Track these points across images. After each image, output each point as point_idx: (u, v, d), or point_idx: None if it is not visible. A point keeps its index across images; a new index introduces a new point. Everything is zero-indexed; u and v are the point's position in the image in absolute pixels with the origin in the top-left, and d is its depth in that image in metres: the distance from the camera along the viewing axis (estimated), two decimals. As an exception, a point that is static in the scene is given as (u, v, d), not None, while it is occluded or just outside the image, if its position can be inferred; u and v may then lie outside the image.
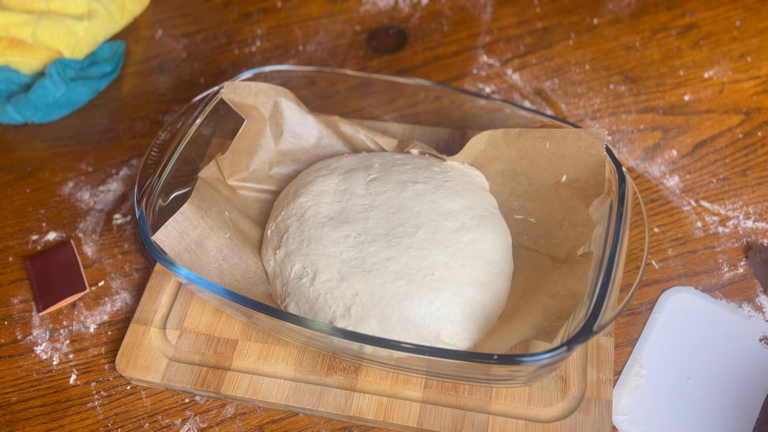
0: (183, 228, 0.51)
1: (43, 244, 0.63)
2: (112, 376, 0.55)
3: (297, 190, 0.56)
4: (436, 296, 0.48)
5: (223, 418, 0.52)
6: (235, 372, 0.52)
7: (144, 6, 0.81)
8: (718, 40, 0.73)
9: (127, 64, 0.76)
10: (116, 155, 0.68)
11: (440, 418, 0.49)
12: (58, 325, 0.57)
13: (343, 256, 0.50)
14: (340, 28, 0.78)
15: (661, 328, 0.54)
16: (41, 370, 0.55)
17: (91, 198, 0.65)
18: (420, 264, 0.49)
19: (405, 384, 0.51)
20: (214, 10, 0.81)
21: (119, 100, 0.73)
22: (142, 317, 0.55)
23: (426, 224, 0.51)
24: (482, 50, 0.75)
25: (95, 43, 0.74)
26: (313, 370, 0.52)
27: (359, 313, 0.49)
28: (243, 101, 0.57)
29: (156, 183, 0.52)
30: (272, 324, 0.49)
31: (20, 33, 0.70)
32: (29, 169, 0.68)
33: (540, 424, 0.48)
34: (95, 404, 0.53)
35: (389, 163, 0.56)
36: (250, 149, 0.60)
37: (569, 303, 0.47)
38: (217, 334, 0.54)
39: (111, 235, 0.62)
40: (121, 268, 0.60)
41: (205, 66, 0.76)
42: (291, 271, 0.52)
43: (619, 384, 0.52)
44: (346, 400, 0.50)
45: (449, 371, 0.48)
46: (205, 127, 0.57)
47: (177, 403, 0.53)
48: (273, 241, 0.54)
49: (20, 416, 0.53)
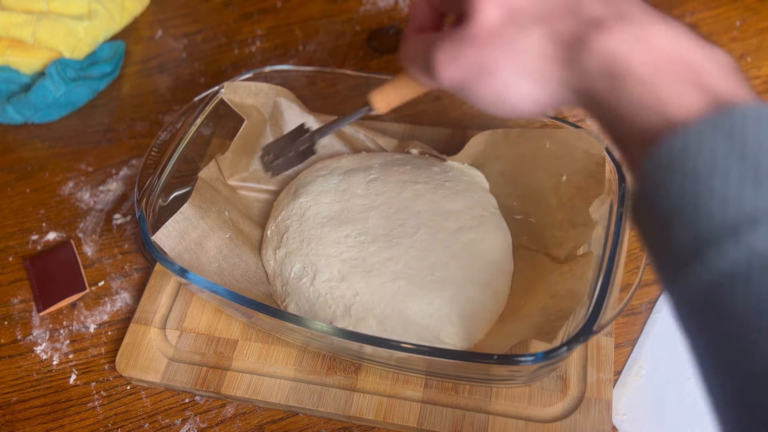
0: (183, 228, 0.51)
1: (43, 244, 0.63)
2: (112, 376, 0.55)
3: (297, 190, 0.56)
4: (436, 296, 0.48)
5: (223, 418, 0.52)
6: (235, 372, 0.52)
7: (144, 6, 0.81)
8: (718, 40, 0.73)
9: (127, 64, 0.76)
10: (116, 155, 0.68)
11: (440, 418, 0.49)
12: (58, 325, 0.57)
13: (343, 256, 0.50)
14: (340, 28, 0.78)
15: (661, 328, 0.54)
16: (41, 370, 0.55)
17: (91, 198, 0.65)
18: (420, 264, 0.49)
19: (405, 384, 0.51)
20: (214, 10, 0.81)
21: (119, 100, 0.73)
22: (142, 317, 0.55)
23: (426, 224, 0.51)
24: (482, 50, 0.74)
25: (95, 43, 0.74)
26: (313, 370, 0.52)
27: (359, 313, 0.49)
28: (243, 101, 0.57)
29: (156, 183, 0.52)
30: (272, 324, 0.49)
31: (20, 33, 0.70)
32: (29, 169, 0.68)
33: (540, 424, 0.48)
34: (95, 404, 0.53)
35: (389, 163, 0.56)
36: (250, 149, 0.60)
37: (569, 303, 0.47)
38: (217, 334, 0.54)
39: (111, 235, 0.62)
40: (121, 268, 0.60)
41: (205, 66, 0.76)
42: (291, 271, 0.52)
43: (619, 384, 0.52)
44: (346, 400, 0.50)
45: (449, 371, 0.48)
46: (205, 127, 0.57)
47: (177, 403, 0.53)
48: (273, 241, 0.54)
49: (20, 416, 0.53)
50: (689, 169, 0.25)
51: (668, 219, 0.25)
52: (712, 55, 0.28)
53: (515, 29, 0.31)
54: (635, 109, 0.28)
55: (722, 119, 0.25)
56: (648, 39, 0.28)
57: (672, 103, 0.27)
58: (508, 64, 0.32)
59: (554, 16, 0.31)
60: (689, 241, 0.25)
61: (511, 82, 0.32)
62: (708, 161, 0.24)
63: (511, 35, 0.31)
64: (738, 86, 0.27)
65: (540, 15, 0.31)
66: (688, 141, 0.25)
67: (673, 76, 0.27)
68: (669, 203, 0.25)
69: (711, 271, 0.24)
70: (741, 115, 0.25)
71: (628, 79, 0.28)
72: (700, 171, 0.24)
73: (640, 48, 0.28)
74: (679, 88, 0.27)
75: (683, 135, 0.25)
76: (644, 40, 0.28)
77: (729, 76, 0.27)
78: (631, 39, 0.28)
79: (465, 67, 0.33)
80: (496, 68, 0.32)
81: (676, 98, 0.27)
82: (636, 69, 0.28)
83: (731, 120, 0.25)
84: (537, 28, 0.31)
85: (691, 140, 0.25)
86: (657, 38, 0.28)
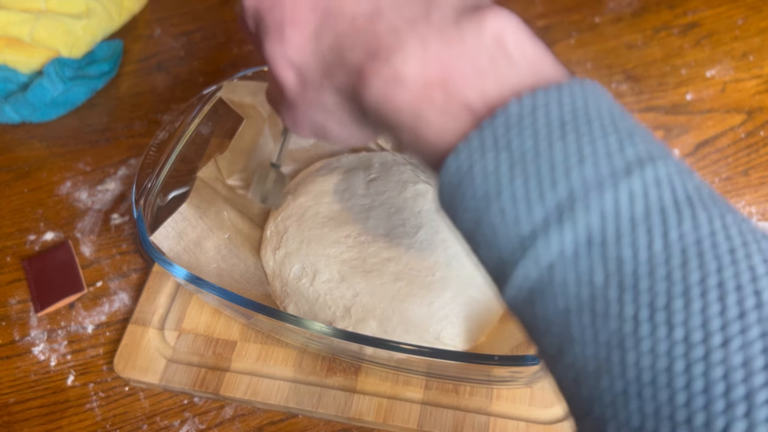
0: (181, 228, 0.51)
1: (41, 244, 0.62)
2: (110, 377, 0.54)
3: (297, 190, 0.56)
4: (437, 297, 0.48)
5: (222, 420, 0.51)
6: (234, 373, 0.52)
7: (142, 4, 0.80)
8: (721, 39, 0.73)
9: (126, 63, 0.76)
10: (114, 155, 0.68)
11: (441, 419, 0.49)
12: (56, 326, 0.57)
13: (343, 256, 0.50)
14: (340, 27, 0.77)
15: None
16: (39, 371, 0.55)
17: (89, 198, 0.65)
18: (421, 264, 0.49)
19: (405, 385, 0.50)
20: (212, 8, 0.81)
21: (117, 99, 0.73)
22: (141, 318, 0.55)
23: (427, 224, 0.51)
24: (483, 49, 0.74)
25: (93, 42, 0.74)
26: (312, 372, 0.51)
27: (359, 314, 0.48)
28: (242, 100, 0.57)
29: (154, 183, 0.52)
30: (271, 325, 0.49)
31: (18, 32, 0.70)
32: (27, 168, 0.68)
33: (541, 426, 0.48)
34: (93, 405, 0.53)
35: (389, 162, 0.56)
36: (250, 149, 0.59)
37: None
38: (216, 335, 0.54)
39: (109, 236, 0.62)
40: (119, 269, 0.60)
41: (203, 65, 0.75)
42: (290, 272, 0.51)
43: (621, 385, 0.51)
44: (346, 402, 0.50)
45: (450, 372, 0.48)
46: (204, 126, 0.57)
47: (175, 404, 0.53)
48: (272, 241, 0.54)
49: (18, 417, 0.53)
50: (468, 195, 0.24)
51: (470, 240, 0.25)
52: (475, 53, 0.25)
53: (312, 90, 0.31)
54: (415, 150, 0.27)
55: (482, 134, 0.24)
56: (401, 75, 0.25)
57: (438, 137, 0.25)
58: (330, 121, 0.32)
59: (332, 70, 0.29)
60: (494, 263, 0.24)
61: (341, 132, 0.33)
62: (481, 180, 0.24)
63: (312, 97, 0.31)
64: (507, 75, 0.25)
65: (323, 71, 0.30)
66: (459, 167, 0.24)
67: (432, 108, 0.25)
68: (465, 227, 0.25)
69: (518, 289, 0.24)
70: (502, 119, 0.23)
71: (396, 126, 0.27)
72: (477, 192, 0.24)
73: (396, 90, 0.26)
74: (440, 118, 0.25)
75: (454, 163, 0.24)
76: (398, 79, 0.26)
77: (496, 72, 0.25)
78: (388, 82, 0.26)
79: (307, 129, 0.34)
80: (324, 126, 0.33)
81: (438, 131, 0.25)
82: (398, 114, 0.26)
83: (492, 130, 0.24)
84: (326, 84, 0.30)
85: (462, 165, 0.24)
86: (409, 68, 0.25)
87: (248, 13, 0.33)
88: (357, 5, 0.28)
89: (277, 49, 0.31)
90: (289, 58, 0.31)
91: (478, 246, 0.25)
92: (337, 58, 0.29)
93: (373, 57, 0.27)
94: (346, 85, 0.29)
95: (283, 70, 0.31)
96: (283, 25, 0.30)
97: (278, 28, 0.31)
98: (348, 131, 0.32)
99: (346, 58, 0.28)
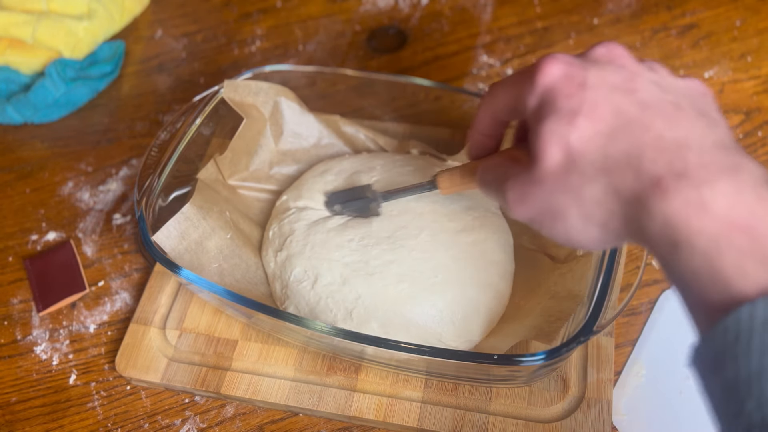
0: (184, 228, 0.51)
1: (42, 244, 0.63)
2: (112, 376, 0.54)
3: (300, 193, 0.56)
4: (439, 299, 0.48)
5: (223, 419, 0.52)
6: (235, 372, 0.52)
7: (144, 6, 0.81)
8: (719, 39, 0.73)
9: (127, 64, 0.76)
10: (116, 155, 0.68)
11: (440, 418, 0.49)
12: (57, 325, 0.57)
13: (345, 259, 0.50)
14: (340, 28, 0.78)
15: (661, 328, 0.54)
16: (41, 370, 0.55)
17: (90, 198, 0.65)
18: (423, 266, 0.49)
19: (405, 384, 0.51)
20: (213, 9, 0.81)
21: (119, 100, 0.73)
22: (142, 317, 0.55)
23: (429, 226, 0.51)
24: (482, 50, 0.74)
25: (95, 43, 0.74)
26: (313, 371, 0.52)
27: (361, 317, 0.49)
28: (243, 100, 0.57)
29: (156, 183, 0.52)
30: (272, 324, 0.49)
31: (20, 33, 0.70)
32: (29, 169, 0.68)
33: (540, 425, 0.48)
34: (95, 404, 0.53)
35: (390, 164, 0.56)
36: (250, 149, 0.59)
37: (569, 305, 0.47)
38: (217, 335, 0.54)
39: (111, 235, 0.62)
40: (121, 268, 0.60)
41: (205, 66, 0.75)
42: (291, 274, 0.51)
43: (619, 384, 0.52)
44: (346, 400, 0.50)
45: (450, 371, 0.48)
46: (205, 127, 0.57)
47: (177, 403, 0.53)
48: (274, 243, 0.54)
49: (20, 416, 0.53)
50: (754, 346, 0.25)
51: (733, 388, 0.25)
52: None
53: (578, 177, 0.31)
54: (695, 278, 0.27)
55: None
56: (708, 204, 0.27)
57: (732, 278, 0.26)
58: (573, 210, 0.32)
59: (615, 168, 0.30)
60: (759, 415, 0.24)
61: (577, 226, 0.33)
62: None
63: (574, 183, 0.32)
64: None
65: (602, 165, 0.31)
66: (754, 318, 0.25)
67: (733, 249, 0.26)
68: (733, 374, 0.25)
69: None
70: None
71: (687, 249, 0.27)
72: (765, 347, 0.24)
73: (699, 215, 0.27)
74: (740, 262, 0.26)
75: (747, 311, 0.25)
76: (703, 206, 0.27)
77: None
78: (690, 204, 0.27)
79: (534, 209, 0.34)
80: (562, 213, 0.33)
81: (736, 273, 0.26)
82: (694, 239, 0.27)
83: None
84: (599, 178, 0.31)
85: (757, 316, 0.25)
86: (718, 203, 0.27)
87: (538, 89, 0.33)
88: (668, 129, 0.30)
89: (559, 128, 0.32)
90: (567, 140, 0.31)
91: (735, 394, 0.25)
92: (629, 161, 0.30)
93: (679, 177, 0.28)
94: (631, 187, 0.30)
95: (553, 146, 0.32)
96: (578, 113, 0.31)
97: (571, 113, 0.31)
98: (583, 225, 0.33)
99: (642, 165, 0.29)
